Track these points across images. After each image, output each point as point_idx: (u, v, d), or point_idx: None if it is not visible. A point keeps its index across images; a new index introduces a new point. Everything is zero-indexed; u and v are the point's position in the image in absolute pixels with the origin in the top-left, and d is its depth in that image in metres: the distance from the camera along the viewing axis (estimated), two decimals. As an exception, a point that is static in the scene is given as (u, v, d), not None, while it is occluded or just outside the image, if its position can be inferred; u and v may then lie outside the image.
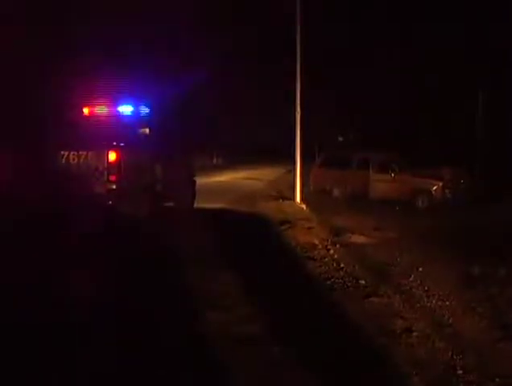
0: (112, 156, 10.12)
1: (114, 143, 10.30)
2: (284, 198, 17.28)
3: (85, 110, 11.24)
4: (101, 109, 11.24)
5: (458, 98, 26.93)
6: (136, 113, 11.51)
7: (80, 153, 10.28)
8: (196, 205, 13.69)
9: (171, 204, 12.52)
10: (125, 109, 11.33)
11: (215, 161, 33.65)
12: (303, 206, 16.18)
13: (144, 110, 11.84)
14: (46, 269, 7.12)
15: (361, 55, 29.90)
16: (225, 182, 22.56)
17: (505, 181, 18.04)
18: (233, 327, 5.84)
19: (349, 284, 8.08)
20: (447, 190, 17.64)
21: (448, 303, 7.54)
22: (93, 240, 8.31)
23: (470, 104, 25.69)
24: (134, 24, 23.73)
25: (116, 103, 11.36)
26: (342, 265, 9.14)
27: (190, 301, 6.68)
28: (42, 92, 16.28)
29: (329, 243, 11.00)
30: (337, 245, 10.88)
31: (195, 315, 6.18)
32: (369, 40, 29.42)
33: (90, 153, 10.26)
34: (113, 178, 10.16)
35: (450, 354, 5.73)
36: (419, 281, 8.55)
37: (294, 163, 17.04)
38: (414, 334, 6.18)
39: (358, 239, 11.90)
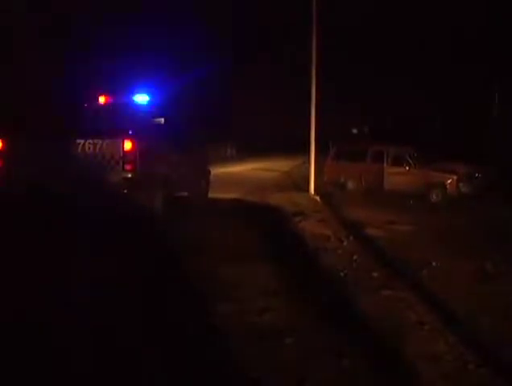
0: (127, 145, 10.14)
1: (130, 132, 10.32)
2: (298, 189, 17.26)
3: (101, 99, 11.29)
4: (117, 99, 11.27)
5: (473, 95, 26.77)
6: (152, 103, 11.54)
7: (96, 142, 10.32)
8: (209, 195, 13.71)
9: (185, 194, 12.56)
10: (141, 99, 11.36)
11: (229, 152, 33.54)
12: (317, 198, 16.16)
13: (160, 100, 11.86)
14: (58, 259, 7.17)
15: (375, 49, 29.73)
16: (238, 173, 22.55)
17: None
18: (247, 320, 5.87)
19: (362, 276, 8.04)
20: (461, 184, 17.50)
21: (460, 298, 7.47)
22: (108, 228, 8.37)
23: (486, 101, 25.54)
24: (150, 17, 23.85)
25: (132, 92, 11.40)
26: (355, 257, 9.11)
27: (200, 298, 6.69)
28: (58, 82, 16.37)
29: (342, 235, 10.97)
30: (351, 237, 10.83)
31: (205, 310, 6.20)
32: (381, 34, 29.27)
33: (106, 142, 10.29)
34: (128, 167, 10.18)
35: (462, 349, 5.67)
36: (431, 275, 8.49)
37: (308, 155, 17.03)
38: (426, 327, 6.14)
39: (372, 232, 11.83)
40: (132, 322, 5.52)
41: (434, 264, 9.02)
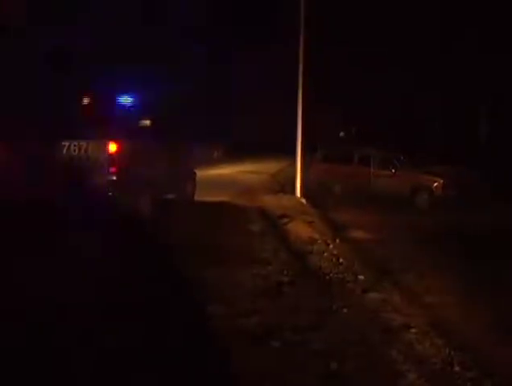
0: (112, 147, 10.10)
1: (115, 134, 10.29)
2: (285, 192, 17.29)
3: (86, 100, 11.23)
4: (103, 100, 11.22)
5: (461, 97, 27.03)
6: (137, 104, 11.51)
7: (81, 144, 10.28)
8: (195, 198, 13.69)
9: (171, 196, 12.54)
10: (127, 100, 11.32)
11: (215, 154, 33.43)
12: (304, 200, 16.19)
13: (145, 101, 11.83)
14: (47, 262, 7.15)
15: (365, 53, 29.84)
16: (225, 176, 22.49)
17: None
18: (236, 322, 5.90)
19: (348, 279, 8.10)
20: (447, 188, 17.64)
21: (448, 300, 7.56)
22: (93, 231, 8.34)
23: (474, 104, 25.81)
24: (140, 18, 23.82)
25: (117, 93, 11.35)
26: (341, 260, 9.15)
27: (190, 302, 6.70)
28: (43, 83, 16.27)
29: (329, 238, 11.02)
30: (337, 240, 10.90)
31: (197, 311, 6.21)
32: (371, 38, 29.41)
33: (91, 144, 10.25)
34: (113, 169, 10.13)
35: (448, 351, 5.75)
36: (418, 278, 8.58)
37: (295, 158, 17.07)
38: (413, 330, 6.20)
39: (358, 234, 11.93)
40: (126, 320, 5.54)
41: (420, 266, 9.10)
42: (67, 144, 10.29)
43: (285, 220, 12.13)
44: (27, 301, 5.78)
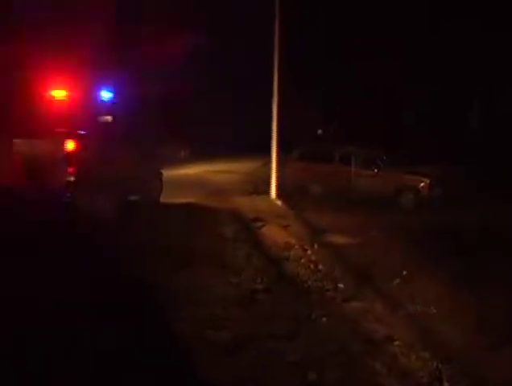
0: (70, 145, 9.86)
1: (73, 131, 10.01)
2: (259, 193, 17.12)
3: (42, 94, 10.90)
4: (59, 94, 10.90)
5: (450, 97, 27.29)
6: (98, 99, 11.24)
7: (36, 141, 9.97)
8: (162, 200, 13.47)
9: (135, 198, 12.28)
10: (86, 94, 11.05)
11: (182, 153, 33.22)
12: (279, 202, 16.04)
13: (107, 96, 11.55)
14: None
15: (349, 47, 29.87)
16: (194, 175, 22.36)
17: (499, 179, 18.12)
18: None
19: (328, 287, 7.97)
20: (434, 188, 17.60)
21: (433, 309, 7.41)
22: (50, 238, 8.06)
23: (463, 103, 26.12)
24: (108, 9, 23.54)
25: (76, 87, 11.05)
26: (320, 267, 9.03)
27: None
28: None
29: (306, 243, 10.86)
30: (315, 245, 10.74)
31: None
32: (354, 31, 29.44)
33: (46, 142, 9.96)
34: (71, 169, 9.89)
35: (435, 364, 5.65)
36: (402, 285, 8.42)
37: (270, 156, 16.91)
38: (397, 342, 6.08)
39: (338, 238, 11.74)
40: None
41: (404, 272, 8.94)
42: (19, 141, 9.98)
43: (259, 224, 12.00)
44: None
